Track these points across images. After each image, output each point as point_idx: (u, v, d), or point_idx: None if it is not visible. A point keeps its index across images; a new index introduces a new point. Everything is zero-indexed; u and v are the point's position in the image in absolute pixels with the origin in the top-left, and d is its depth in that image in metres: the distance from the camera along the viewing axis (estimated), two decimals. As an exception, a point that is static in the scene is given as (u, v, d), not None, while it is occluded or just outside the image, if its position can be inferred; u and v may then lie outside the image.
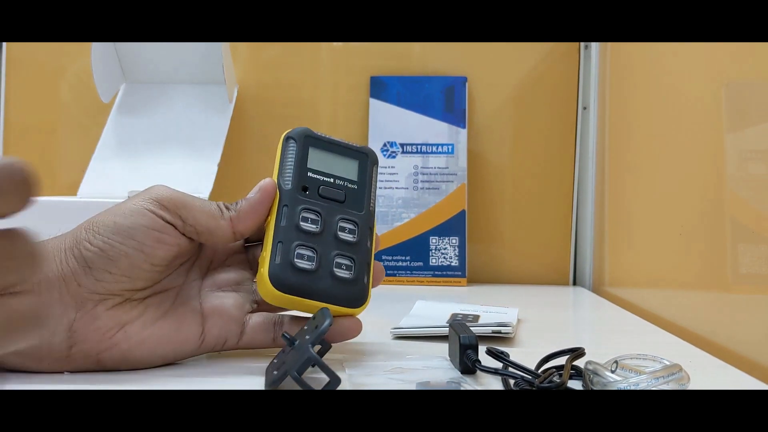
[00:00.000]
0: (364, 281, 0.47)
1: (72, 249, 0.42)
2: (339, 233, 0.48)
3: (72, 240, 0.42)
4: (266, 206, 0.47)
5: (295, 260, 0.45)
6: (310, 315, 0.46)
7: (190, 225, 0.44)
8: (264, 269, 0.45)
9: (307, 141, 0.50)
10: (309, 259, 0.46)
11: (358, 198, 0.50)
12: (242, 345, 0.47)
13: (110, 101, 0.99)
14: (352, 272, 0.47)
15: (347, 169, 0.50)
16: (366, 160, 0.51)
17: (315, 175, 0.49)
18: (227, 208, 0.46)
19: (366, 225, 0.49)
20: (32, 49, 1.08)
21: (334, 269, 0.46)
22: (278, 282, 0.45)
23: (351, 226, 0.48)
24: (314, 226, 0.47)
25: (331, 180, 0.49)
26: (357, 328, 0.48)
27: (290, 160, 0.49)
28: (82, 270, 0.41)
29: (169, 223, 0.44)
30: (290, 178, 0.48)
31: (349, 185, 0.50)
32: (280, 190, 0.48)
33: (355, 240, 0.48)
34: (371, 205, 0.50)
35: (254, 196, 0.47)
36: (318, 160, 0.49)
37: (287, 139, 0.50)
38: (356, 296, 0.47)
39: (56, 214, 0.75)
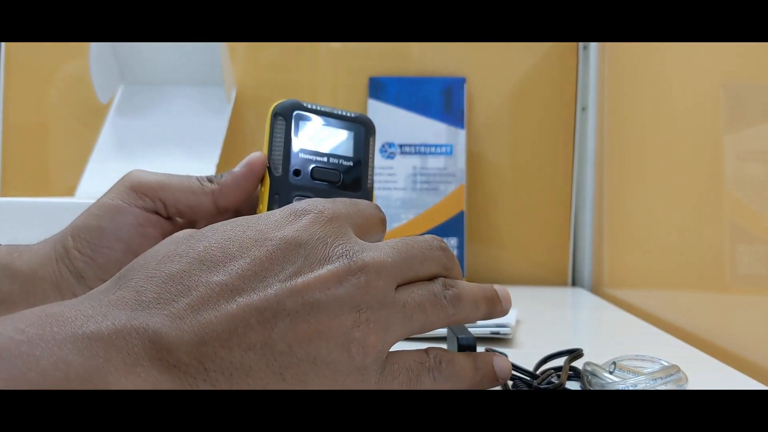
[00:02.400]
0: None
1: (63, 259, 0.41)
2: None
3: (61, 249, 0.41)
4: (251, 181, 0.45)
5: None
6: None
7: (172, 206, 0.43)
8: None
9: (297, 116, 0.47)
10: None
11: (354, 177, 0.47)
12: None
13: (108, 102, 0.99)
14: None
15: (342, 143, 0.47)
16: (362, 130, 0.48)
17: (307, 156, 0.46)
18: (210, 180, 0.44)
19: None
20: (30, 50, 1.08)
21: None
22: None
23: None
24: None
25: (325, 159, 0.46)
26: None
27: (279, 140, 0.46)
28: (75, 280, 0.41)
29: (151, 211, 0.43)
30: (280, 162, 0.45)
31: (344, 162, 0.47)
32: (271, 177, 0.45)
33: None
34: (369, 182, 0.47)
35: (240, 170, 0.45)
36: (310, 136, 0.47)
37: (275, 115, 0.46)
38: None
39: (55, 215, 0.75)
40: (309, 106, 0.47)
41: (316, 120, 0.47)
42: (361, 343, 0.30)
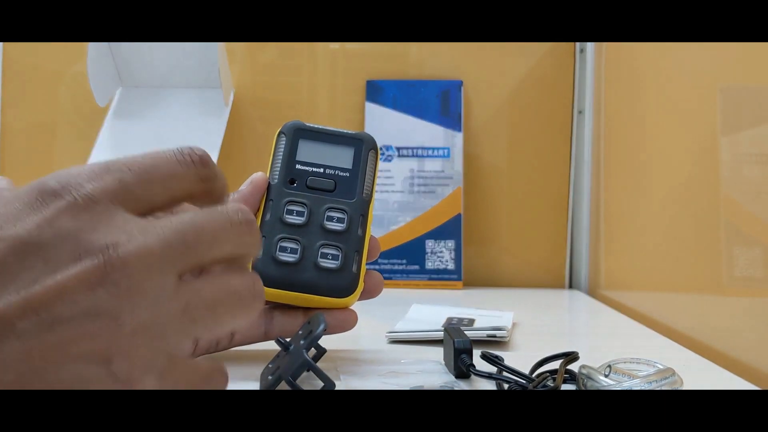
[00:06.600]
0: (352, 270, 0.46)
1: None
2: (326, 223, 0.47)
3: None
4: (257, 198, 0.47)
5: (278, 253, 0.46)
6: (303, 307, 0.47)
7: None
8: (249, 265, 0.46)
9: (297, 134, 0.49)
10: (292, 251, 0.46)
11: (349, 185, 0.49)
12: (235, 344, 0.47)
13: (106, 105, 0.99)
14: (338, 261, 0.46)
15: (340, 157, 0.49)
16: (361, 145, 0.50)
17: (303, 167, 0.49)
18: None
19: (357, 212, 0.48)
20: (29, 52, 1.08)
21: (319, 260, 0.46)
22: (260, 276, 0.45)
23: (339, 215, 0.47)
24: (299, 218, 0.47)
25: (321, 170, 0.49)
26: (351, 320, 0.47)
27: (279, 155, 0.49)
28: None
29: None
30: (277, 173, 0.48)
31: (341, 173, 0.49)
32: (268, 186, 0.48)
33: (343, 228, 0.47)
34: (365, 191, 0.49)
35: (245, 188, 0.47)
36: (308, 151, 0.49)
37: (279, 134, 0.50)
38: (343, 286, 0.46)
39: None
40: (311, 126, 0.50)
41: (318, 138, 0.50)
42: (126, 356, 0.24)
